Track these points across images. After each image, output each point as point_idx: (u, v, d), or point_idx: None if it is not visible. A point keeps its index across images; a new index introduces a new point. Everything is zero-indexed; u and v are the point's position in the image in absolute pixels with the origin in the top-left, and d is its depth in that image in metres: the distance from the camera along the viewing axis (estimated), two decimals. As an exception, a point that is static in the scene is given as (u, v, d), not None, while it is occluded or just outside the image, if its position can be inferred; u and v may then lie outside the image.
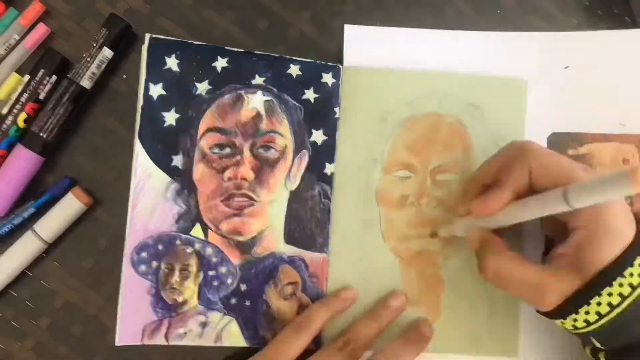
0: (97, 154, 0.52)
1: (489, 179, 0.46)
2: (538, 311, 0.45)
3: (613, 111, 0.53)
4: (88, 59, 0.50)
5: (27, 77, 0.50)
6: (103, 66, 0.51)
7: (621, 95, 0.53)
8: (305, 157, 0.51)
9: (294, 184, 0.51)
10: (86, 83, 0.50)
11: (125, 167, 0.49)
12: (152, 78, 0.49)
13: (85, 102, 0.51)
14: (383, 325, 0.49)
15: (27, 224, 0.50)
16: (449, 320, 0.51)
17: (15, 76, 0.50)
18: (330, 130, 0.51)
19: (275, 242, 0.50)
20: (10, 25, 0.51)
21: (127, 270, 0.48)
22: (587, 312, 0.41)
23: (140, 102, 0.49)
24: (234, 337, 0.50)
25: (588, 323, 0.41)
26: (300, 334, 0.47)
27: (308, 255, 0.51)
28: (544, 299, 0.42)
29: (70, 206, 0.50)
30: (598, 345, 0.43)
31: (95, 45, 0.50)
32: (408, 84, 0.52)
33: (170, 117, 0.49)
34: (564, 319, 0.42)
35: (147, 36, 0.49)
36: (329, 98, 0.51)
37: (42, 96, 0.49)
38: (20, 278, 0.51)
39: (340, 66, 0.52)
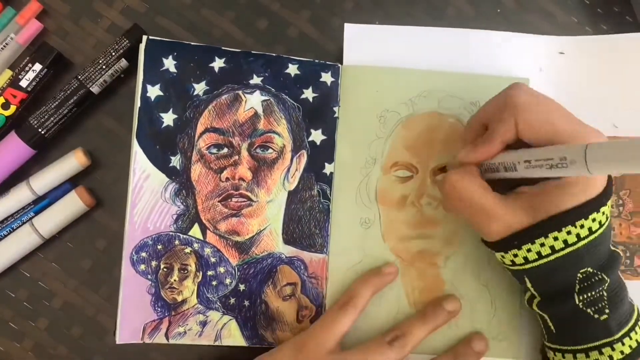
0: (95, 154, 0.52)
1: (481, 125, 0.46)
2: (483, 241, 0.45)
3: (606, 113, 0.53)
4: (104, 66, 0.49)
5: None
6: (116, 75, 0.51)
7: (614, 97, 0.53)
8: (303, 157, 0.51)
9: (293, 184, 0.51)
10: (95, 89, 0.50)
11: (123, 168, 0.49)
12: (149, 79, 0.49)
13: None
14: (433, 328, 0.49)
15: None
16: (450, 321, 0.51)
17: (7, 72, 0.50)
18: (330, 129, 0.51)
19: (273, 243, 0.50)
20: (8, 24, 0.50)
21: (127, 269, 0.48)
22: (528, 250, 0.42)
23: (137, 103, 0.49)
24: (233, 336, 0.50)
25: (526, 261, 0.42)
26: (346, 312, 0.47)
27: (307, 255, 0.51)
28: (492, 228, 0.43)
29: (71, 205, 0.50)
30: (529, 285, 0.44)
31: (114, 54, 0.49)
32: (408, 82, 0.52)
33: (168, 118, 0.49)
34: (506, 252, 0.43)
35: (144, 38, 0.49)
36: (328, 97, 0.51)
37: (23, 83, 0.49)
38: (18, 279, 0.51)
39: (340, 65, 0.52)
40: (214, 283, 0.50)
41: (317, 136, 0.51)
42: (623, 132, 0.52)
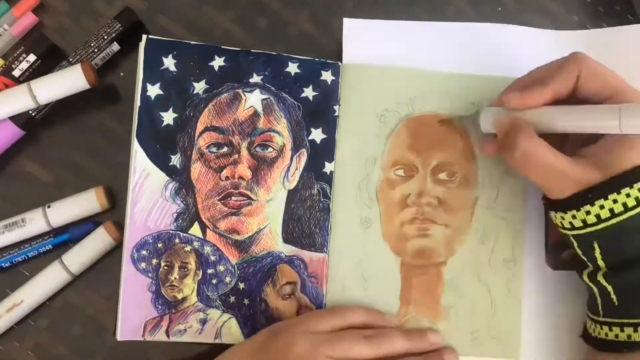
0: (95, 153, 0.52)
1: (532, 81, 0.45)
2: (548, 202, 0.45)
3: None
4: (95, 49, 0.49)
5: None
6: (107, 59, 0.51)
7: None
8: (303, 156, 0.51)
9: (292, 183, 0.51)
10: None
11: (123, 167, 0.49)
12: (149, 78, 0.49)
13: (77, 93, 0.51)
14: (412, 348, 0.48)
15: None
16: (450, 320, 0.51)
17: (0, 61, 0.50)
18: (330, 128, 0.51)
19: (273, 241, 0.50)
20: (2, 16, 0.51)
21: (127, 267, 0.49)
22: (601, 207, 0.41)
23: (137, 102, 0.49)
24: (233, 334, 0.50)
25: (598, 219, 0.42)
26: (370, 345, 0.46)
27: (307, 254, 0.51)
28: (564, 185, 0.42)
29: (100, 241, 0.50)
30: (597, 253, 0.43)
31: (106, 37, 0.50)
32: (408, 82, 0.52)
33: (168, 117, 0.49)
34: (578, 209, 0.42)
35: (144, 37, 0.49)
36: (329, 96, 0.51)
37: (16, 73, 0.49)
38: (18, 279, 0.51)
39: (340, 64, 0.52)
40: (214, 281, 0.50)
41: (317, 135, 0.51)
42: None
